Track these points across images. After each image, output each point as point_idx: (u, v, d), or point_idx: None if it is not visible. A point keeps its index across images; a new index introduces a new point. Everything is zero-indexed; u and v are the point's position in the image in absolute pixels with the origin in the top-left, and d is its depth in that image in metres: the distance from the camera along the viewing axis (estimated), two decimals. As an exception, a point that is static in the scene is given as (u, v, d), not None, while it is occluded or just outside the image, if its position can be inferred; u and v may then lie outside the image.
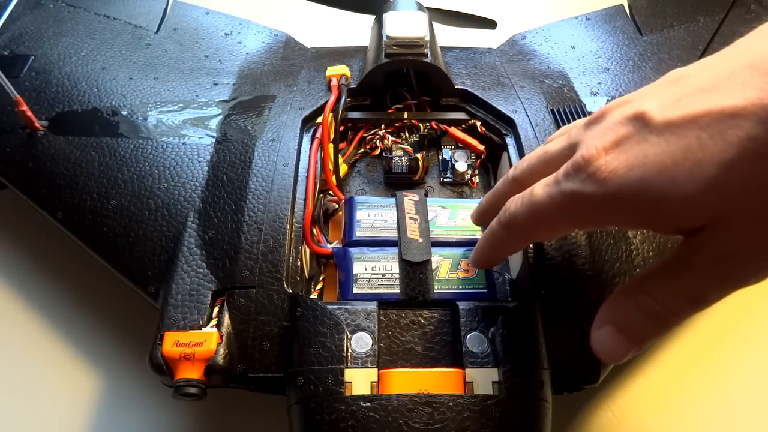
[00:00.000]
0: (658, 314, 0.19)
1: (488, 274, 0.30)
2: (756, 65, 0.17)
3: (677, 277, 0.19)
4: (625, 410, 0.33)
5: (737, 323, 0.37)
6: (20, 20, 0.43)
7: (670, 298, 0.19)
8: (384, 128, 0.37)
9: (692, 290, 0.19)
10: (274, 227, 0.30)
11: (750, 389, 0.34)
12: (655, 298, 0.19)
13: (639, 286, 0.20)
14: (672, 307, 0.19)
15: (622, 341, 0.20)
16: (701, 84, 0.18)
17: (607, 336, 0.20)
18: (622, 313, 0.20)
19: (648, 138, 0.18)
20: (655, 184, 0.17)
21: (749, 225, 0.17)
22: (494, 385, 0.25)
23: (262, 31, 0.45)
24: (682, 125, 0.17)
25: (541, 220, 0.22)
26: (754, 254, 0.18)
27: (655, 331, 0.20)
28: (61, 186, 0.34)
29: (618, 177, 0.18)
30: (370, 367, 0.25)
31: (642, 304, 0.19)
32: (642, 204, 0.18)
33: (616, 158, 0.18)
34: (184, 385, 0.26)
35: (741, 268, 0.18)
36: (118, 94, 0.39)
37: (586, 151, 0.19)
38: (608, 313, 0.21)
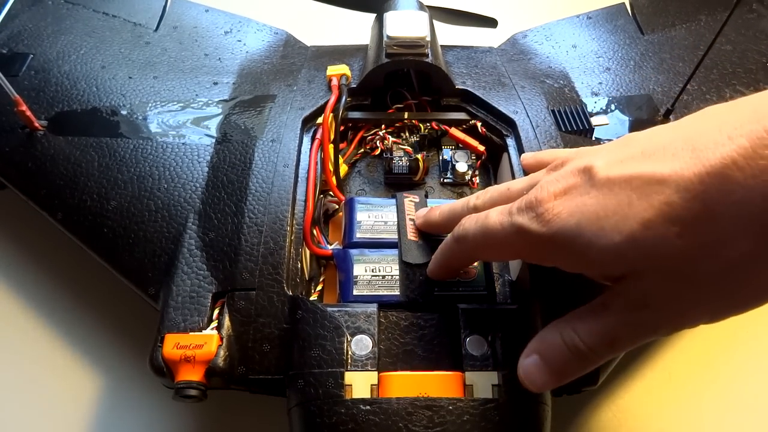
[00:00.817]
0: (579, 350, 0.21)
1: (488, 276, 0.30)
2: (687, 140, 0.19)
3: (596, 318, 0.21)
4: (625, 410, 0.34)
5: (737, 323, 0.37)
6: (19, 18, 0.43)
7: (589, 336, 0.21)
8: (384, 128, 0.37)
9: (607, 332, 0.21)
10: (274, 229, 0.30)
11: (750, 389, 0.34)
12: (578, 335, 0.21)
13: (566, 322, 0.22)
14: (590, 345, 0.21)
15: (546, 372, 0.22)
16: (643, 149, 0.20)
17: (532, 365, 0.22)
18: (548, 344, 0.22)
19: (590, 191, 0.20)
20: (588, 230, 0.20)
21: (658, 281, 0.19)
22: (494, 388, 0.25)
23: (262, 29, 0.45)
24: (618, 183, 0.20)
25: (490, 244, 0.24)
26: (661, 308, 0.20)
27: (575, 367, 0.22)
28: (61, 186, 0.34)
29: (559, 220, 0.21)
30: (370, 370, 0.25)
31: (566, 339, 0.21)
32: (575, 248, 0.20)
33: (561, 204, 0.21)
34: (184, 387, 0.26)
35: (649, 319, 0.20)
36: (118, 94, 0.38)
37: (539, 193, 0.22)
38: (537, 344, 0.23)
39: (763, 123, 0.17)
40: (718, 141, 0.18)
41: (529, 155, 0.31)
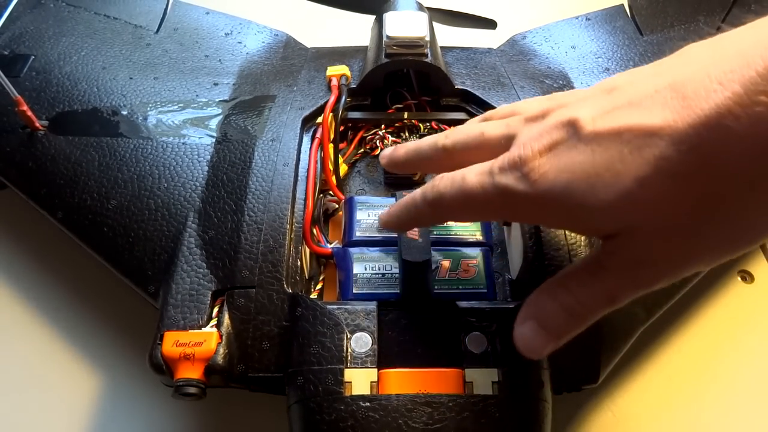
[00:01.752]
0: (575, 310, 0.21)
1: (488, 274, 0.30)
2: (675, 87, 0.18)
3: (593, 277, 0.20)
4: (625, 410, 0.33)
5: (737, 323, 0.37)
6: (20, 20, 0.43)
7: (586, 296, 0.20)
8: (384, 128, 0.37)
9: (606, 290, 0.20)
10: (274, 227, 0.30)
11: (750, 389, 0.34)
12: (574, 295, 0.21)
13: (560, 283, 0.21)
14: (588, 304, 0.21)
15: (543, 335, 0.21)
16: (629, 98, 0.19)
17: (528, 330, 0.22)
18: (543, 308, 0.21)
19: (577, 146, 0.19)
20: (578, 190, 0.19)
21: (655, 237, 0.19)
22: (494, 385, 0.25)
23: (262, 31, 0.45)
24: (607, 137, 0.19)
25: (469, 206, 0.22)
26: (659, 262, 0.19)
27: (572, 326, 0.21)
28: (61, 186, 0.34)
29: (547, 180, 0.19)
30: (369, 367, 0.25)
31: (561, 301, 0.21)
32: (565, 207, 0.19)
33: (548, 162, 0.20)
34: (183, 384, 0.26)
35: (648, 274, 0.20)
36: (119, 94, 0.39)
37: (523, 150, 0.20)
38: (531, 308, 0.22)
39: (754, 67, 0.16)
40: (709, 87, 0.17)
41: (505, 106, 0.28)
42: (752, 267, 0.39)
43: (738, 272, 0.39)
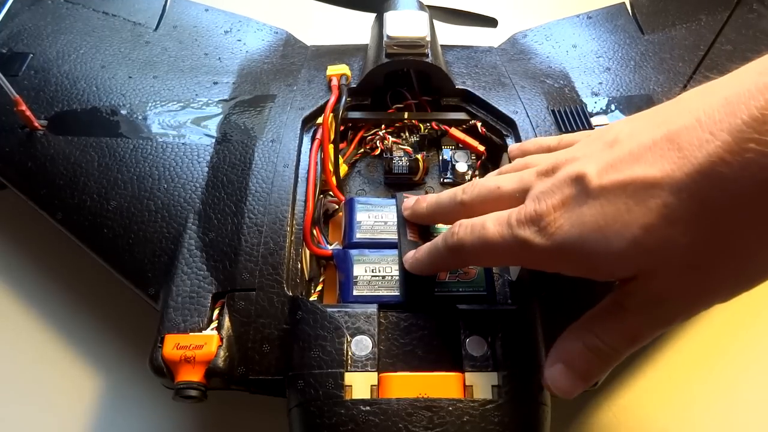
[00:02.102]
0: (601, 351, 0.22)
1: (488, 276, 0.30)
2: (671, 138, 0.19)
3: (615, 318, 0.22)
4: (625, 410, 0.34)
5: (737, 324, 0.37)
6: (18, 17, 0.43)
7: (610, 337, 0.22)
8: (384, 128, 0.37)
9: (628, 330, 0.22)
10: (274, 229, 0.30)
11: (750, 389, 0.34)
12: (599, 337, 0.22)
13: (584, 326, 0.22)
14: (612, 345, 0.22)
15: (571, 377, 0.22)
16: (630, 150, 0.20)
17: (558, 373, 0.23)
18: (570, 351, 0.23)
19: (587, 201, 0.21)
20: (591, 241, 0.20)
21: (669, 277, 0.20)
22: (494, 389, 0.25)
23: (261, 29, 0.44)
24: (613, 191, 0.20)
25: (488, 254, 0.24)
26: (676, 300, 0.20)
27: (600, 367, 0.22)
28: (60, 186, 0.34)
29: (562, 233, 0.21)
30: (370, 371, 0.25)
31: (587, 343, 0.22)
32: (581, 257, 0.21)
33: (561, 216, 0.21)
34: (184, 387, 0.26)
35: (667, 312, 0.21)
36: (118, 93, 0.38)
37: (538, 206, 0.22)
38: (559, 352, 0.23)
39: (740, 115, 0.17)
40: (701, 138, 0.18)
41: (515, 146, 0.31)
42: (752, 267, 0.39)
43: (738, 272, 0.39)
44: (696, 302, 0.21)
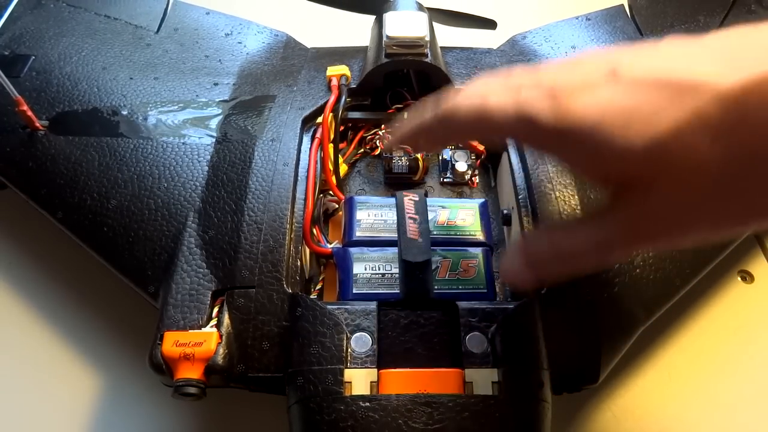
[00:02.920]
0: (563, 252, 0.21)
1: (488, 274, 0.30)
2: (725, 50, 0.18)
3: (595, 223, 0.20)
4: (625, 410, 0.33)
5: (737, 323, 0.37)
6: (21, 20, 0.43)
7: (581, 240, 0.20)
8: (384, 128, 0.37)
9: (603, 237, 0.20)
10: (273, 227, 0.30)
11: (750, 388, 0.34)
12: (569, 238, 0.21)
13: (564, 225, 0.21)
14: (579, 249, 0.20)
15: (528, 275, 0.22)
16: (674, 53, 0.19)
17: (516, 266, 0.22)
18: (534, 244, 0.22)
19: (616, 87, 0.19)
20: (609, 127, 0.18)
21: (675, 192, 0.18)
22: (494, 385, 0.25)
23: (262, 32, 0.45)
24: (648, 85, 0.18)
25: (483, 124, 0.21)
26: (669, 220, 0.19)
27: (559, 272, 0.22)
28: (61, 186, 0.34)
29: (580, 112, 0.19)
30: (369, 367, 0.25)
31: (554, 241, 0.21)
32: (591, 143, 0.19)
33: (583, 95, 0.19)
34: (183, 384, 0.26)
35: (651, 230, 0.19)
36: (119, 94, 0.39)
37: (559, 81, 0.20)
38: (524, 246, 0.22)
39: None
40: (760, 56, 0.17)
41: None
42: (752, 267, 0.39)
43: (738, 272, 0.39)
44: (685, 229, 0.19)
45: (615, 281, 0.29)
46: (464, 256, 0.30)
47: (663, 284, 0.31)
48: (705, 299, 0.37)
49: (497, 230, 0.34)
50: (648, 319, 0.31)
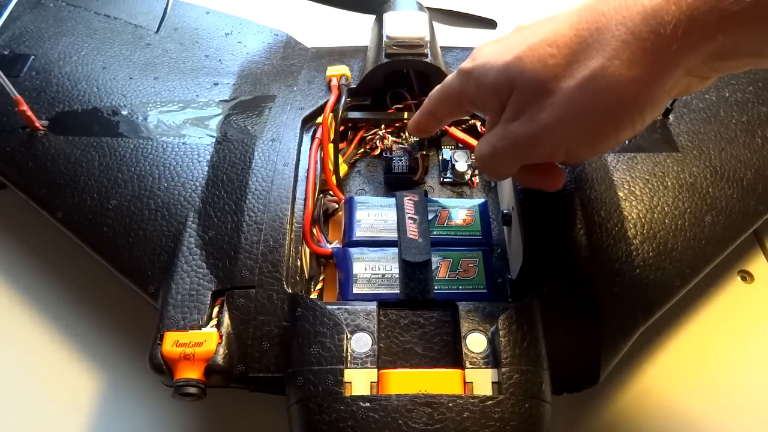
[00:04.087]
0: (481, 157, 0.27)
1: (488, 274, 0.30)
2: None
3: (489, 133, 0.27)
4: (625, 410, 0.33)
5: (737, 323, 0.37)
6: (20, 20, 0.43)
7: (480, 146, 0.27)
8: (384, 128, 0.37)
9: (490, 142, 0.26)
10: (274, 227, 0.30)
11: (750, 388, 0.34)
12: (479, 146, 0.28)
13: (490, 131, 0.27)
14: (477, 154, 0.28)
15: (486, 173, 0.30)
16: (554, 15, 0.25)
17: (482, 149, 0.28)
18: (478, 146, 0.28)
19: (511, 36, 0.26)
20: (492, 59, 0.25)
21: (528, 93, 0.24)
22: (494, 385, 0.25)
23: (262, 31, 0.45)
24: (527, 27, 0.26)
25: (444, 95, 0.29)
26: (528, 119, 0.24)
27: (481, 166, 0.28)
28: (61, 186, 0.34)
29: (480, 56, 0.27)
30: (369, 368, 0.25)
31: (477, 148, 0.28)
32: (482, 74, 0.26)
33: (487, 47, 0.27)
34: (183, 385, 0.26)
35: (518, 129, 0.25)
36: (119, 94, 0.39)
37: (480, 49, 0.27)
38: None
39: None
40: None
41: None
42: (752, 267, 0.39)
43: (738, 272, 0.39)
44: (542, 128, 0.24)
45: (615, 281, 0.29)
46: (464, 256, 0.30)
47: (663, 284, 0.31)
48: (705, 299, 0.37)
49: (497, 230, 0.34)
50: (648, 319, 0.31)
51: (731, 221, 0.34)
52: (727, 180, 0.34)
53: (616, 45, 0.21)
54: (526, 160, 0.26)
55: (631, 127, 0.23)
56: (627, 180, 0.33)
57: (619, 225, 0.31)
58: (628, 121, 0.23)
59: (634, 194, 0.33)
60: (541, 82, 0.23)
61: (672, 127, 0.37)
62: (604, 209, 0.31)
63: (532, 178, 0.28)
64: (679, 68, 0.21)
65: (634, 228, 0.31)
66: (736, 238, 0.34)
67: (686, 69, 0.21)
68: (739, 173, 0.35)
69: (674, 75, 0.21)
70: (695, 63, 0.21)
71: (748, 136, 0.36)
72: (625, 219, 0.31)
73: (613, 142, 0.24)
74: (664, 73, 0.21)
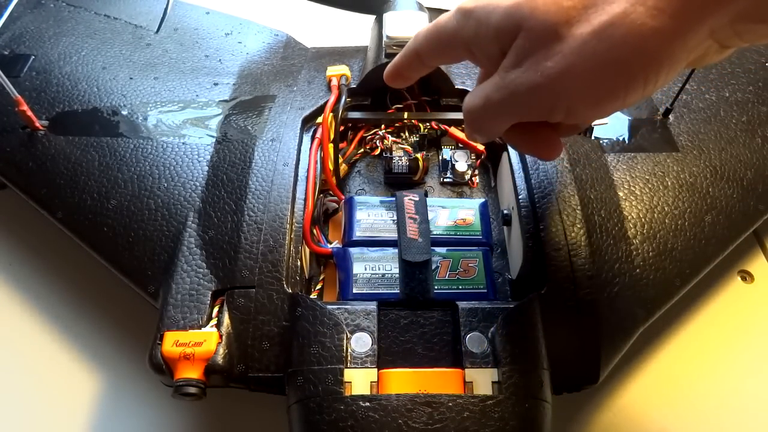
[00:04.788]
0: (470, 110, 0.25)
1: (488, 274, 0.30)
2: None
3: (484, 83, 0.24)
4: (625, 410, 0.33)
5: (737, 323, 0.37)
6: (21, 20, 0.43)
7: (471, 96, 0.25)
8: (384, 128, 0.37)
9: (483, 91, 0.24)
10: (274, 227, 0.30)
11: (750, 388, 0.34)
12: (469, 98, 0.25)
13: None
14: (466, 105, 0.25)
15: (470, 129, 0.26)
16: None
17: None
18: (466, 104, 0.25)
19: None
20: (491, 3, 0.23)
21: (534, 37, 0.21)
22: (494, 385, 0.25)
23: (262, 31, 0.45)
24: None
25: (437, 35, 0.26)
26: (530, 67, 0.22)
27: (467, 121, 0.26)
28: (61, 186, 0.34)
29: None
30: (369, 367, 0.25)
31: (465, 102, 0.25)
32: (482, 17, 0.23)
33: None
34: (183, 384, 0.26)
35: (517, 78, 0.22)
36: (119, 94, 0.39)
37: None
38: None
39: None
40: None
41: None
42: (752, 267, 0.39)
43: (738, 272, 0.39)
44: (545, 77, 0.21)
45: (615, 281, 0.29)
46: (464, 256, 0.30)
47: (663, 284, 0.31)
48: (705, 299, 0.37)
49: (497, 230, 0.34)
50: (648, 319, 0.31)
51: (731, 221, 0.34)
52: (727, 180, 0.34)
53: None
54: (522, 116, 0.24)
55: (642, 87, 0.21)
56: (627, 180, 0.33)
57: (619, 225, 0.31)
58: (641, 78, 0.21)
59: (634, 194, 0.33)
60: (552, 25, 0.21)
61: (672, 127, 0.37)
62: (604, 209, 0.31)
63: (526, 141, 0.26)
64: (705, 25, 0.20)
65: (634, 228, 0.31)
66: (736, 238, 0.34)
67: (711, 28, 0.20)
68: (739, 173, 0.35)
69: (699, 32, 0.20)
70: (722, 23, 0.20)
71: (748, 136, 0.36)
72: (625, 219, 0.31)
73: (619, 104, 0.22)
74: (690, 27, 0.19)
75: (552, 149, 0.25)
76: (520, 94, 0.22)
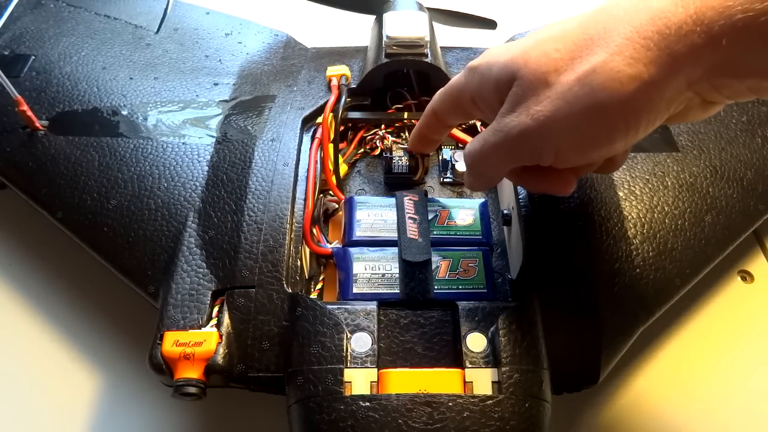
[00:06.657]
0: (472, 155, 0.27)
1: (488, 274, 0.30)
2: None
3: (487, 129, 0.26)
4: (625, 410, 0.33)
5: (737, 323, 0.37)
6: (21, 20, 0.43)
7: (473, 144, 0.27)
8: (384, 128, 0.37)
9: (482, 137, 0.26)
10: (274, 227, 0.30)
11: (750, 388, 0.34)
12: (472, 145, 0.27)
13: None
14: (468, 151, 0.27)
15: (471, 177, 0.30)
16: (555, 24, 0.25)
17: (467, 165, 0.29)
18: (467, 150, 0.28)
19: (514, 43, 0.26)
20: (500, 55, 0.25)
21: (527, 84, 0.24)
22: (494, 385, 0.25)
23: (262, 31, 0.45)
24: (535, 31, 0.26)
25: (451, 96, 0.29)
26: (523, 111, 0.24)
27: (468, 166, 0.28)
28: (61, 186, 0.34)
29: (486, 56, 0.27)
30: (369, 367, 0.25)
31: (468, 149, 0.28)
32: (487, 69, 0.26)
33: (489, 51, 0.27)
34: (183, 384, 0.26)
35: (510, 122, 0.24)
36: (119, 94, 0.39)
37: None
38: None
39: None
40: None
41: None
42: (752, 267, 0.39)
43: (738, 272, 0.39)
44: (534, 121, 0.23)
45: (615, 281, 0.29)
46: (464, 256, 0.30)
47: (663, 284, 0.31)
48: (705, 299, 0.37)
49: (497, 230, 0.34)
50: (648, 319, 0.31)
51: (731, 221, 0.34)
52: (727, 180, 0.34)
53: (620, 42, 0.21)
54: (516, 158, 0.26)
55: (624, 132, 0.22)
56: (627, 180, 0.33)
57: (619, 225, 0.31)
58: (622, 124, 0.22)
59: (634, 194, 0.33)
60: (542, 74, 0.23)
61: (672, 126, 0.37)
62: (604, 209, 0.31)
63: (536, 182, 0.27)
64: (680, 75, 0.21)
65: (634, 228, 0.31)
66: (736, 238, 0.34)
67: (688, 80, 0.21)
68: (739, 173, 0.35)
69: (675, 82, 0.21)
70: (697, 75, 0.21)
71: (748, 136, 0.36)
72: (625, 219, 0.31)
73: (604, 148, 0.23)
74: (665, 76, 0.21)
75: (563, 186, 0.27)
76: (512, 137, 0.24)
